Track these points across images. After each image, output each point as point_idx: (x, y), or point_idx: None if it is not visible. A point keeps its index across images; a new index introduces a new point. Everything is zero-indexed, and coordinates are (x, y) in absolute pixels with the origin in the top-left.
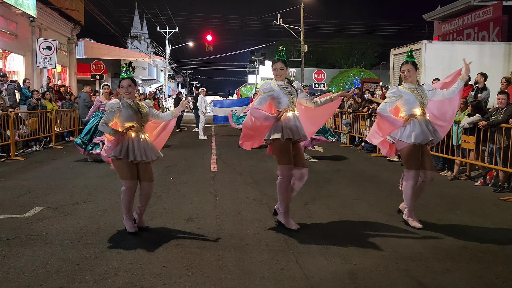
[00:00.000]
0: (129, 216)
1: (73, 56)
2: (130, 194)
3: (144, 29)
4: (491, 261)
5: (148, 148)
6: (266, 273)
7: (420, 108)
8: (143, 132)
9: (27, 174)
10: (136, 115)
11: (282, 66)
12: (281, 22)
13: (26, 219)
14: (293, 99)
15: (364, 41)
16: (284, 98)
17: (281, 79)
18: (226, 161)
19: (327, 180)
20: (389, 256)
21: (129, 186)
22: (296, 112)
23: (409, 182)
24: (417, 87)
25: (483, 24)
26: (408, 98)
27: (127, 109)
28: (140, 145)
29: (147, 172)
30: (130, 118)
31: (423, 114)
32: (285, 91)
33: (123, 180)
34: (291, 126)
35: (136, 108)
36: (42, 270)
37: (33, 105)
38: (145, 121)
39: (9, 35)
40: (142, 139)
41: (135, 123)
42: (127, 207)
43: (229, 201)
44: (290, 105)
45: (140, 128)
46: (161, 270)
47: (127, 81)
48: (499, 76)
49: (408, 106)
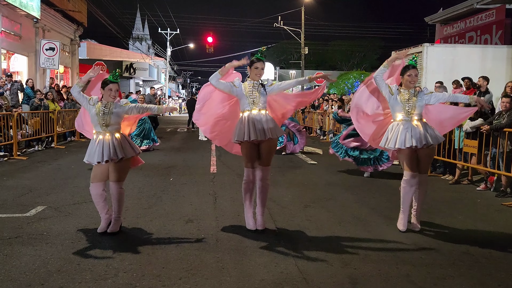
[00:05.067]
0: (102, 216)
1: (75, 57)
2: (97, 197)
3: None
4: (493, 267)
5: (111, 148)
6: (265, 276)
7: (402, 113)
8: (105, 133)
9: (29, 173)
10: (97, 116)
11: (263, 66)
12: (281, 24)
13: (27, 218)
14: (254, 98)
15: (364, 43)
16: (243, 99)
17: (258, 79)
18: (225, 162)
19: (327, 183)
20: (390, 260)
21: (93, 189)
22: (254, 111)
23: (406, 185)
24: (412, 92)
25: (485, 27)
26: (396, 102)
27: (93, 108)
28: (101, 145)
29: (114, 171)
30: (93, 119)
31: (408, 119)
32: (248, 92)
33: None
34: (252, 126)
35: (103, 110)
36: (43, 270)
37: (36, 105)
38: (108, 122)
39: (14, 36)
40: (105, 139)
41: (97, 123)
42: (97, 209)
43: (228, 202)
44: (249, 105)
45: (102, 129)
46: (160, 272)
47: (116, 86)
48: (501, 80)
49: (393, 110)
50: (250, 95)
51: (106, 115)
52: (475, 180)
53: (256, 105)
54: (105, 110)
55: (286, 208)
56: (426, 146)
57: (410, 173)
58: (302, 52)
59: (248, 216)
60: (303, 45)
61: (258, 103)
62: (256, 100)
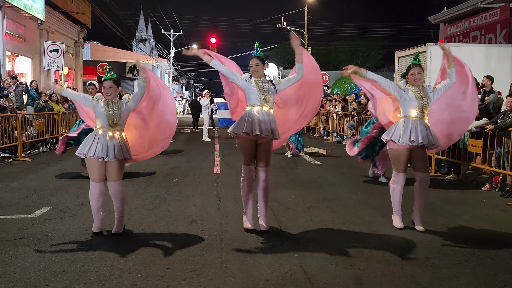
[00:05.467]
0: (96, 216)
1: (79, 59)
2: (95, 197)
3: (149, 32)
4: (499, 267)
5: (115, 147)
6: (270, 276)
7: (417, 110)
8: (114, 131)
9: (33, 175)
10: (107, 114)
11: (257, 62)
12: (284, 24)
13: (32, 219)
14: (265, 96)
15: (368, 43)
16: (253, 95)
17: (258, 76)
18: (229, 163)
19: (331, 183)
20: (394, 261)
21: (94, 188)
22: (265, 108)
23: (396, 186)
24: (421, 89)
25: (490, 26)
26: (409, 98)
27: (101, 107)
28: (104, 142)
29: (112, 172)
30: (100, 115)
31: (420, 117)
32: (258, 87)
33: (90, 181)
34: (254, 120)
35: (112, 107)
36: (48, 270)
37: (40, 107)
38: (118, 119)
39: (18, 38)
40: (109, 137)
41: (106, 121)
42: (93, 209)
43: (232, 203)
44: (260, 100)
45: (111, 126)
46: (165, 272)
47: (108, 82)
48: (506, 79)
49: (406, 106)
50: (262, 91)
51: (116, 113)
52: (480, 180)
53: (268, 103)
54: (114, 109)
55: (290, 208)
56: (430, 146)
57: (398, 173)
58: None
59: (248, 215)
60: (306, 45)
61: (269, 101)
62: (267, 97)
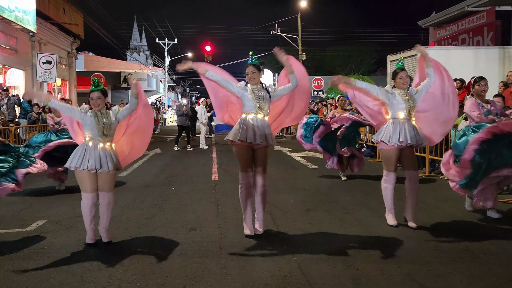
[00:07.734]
0: (89, 227)
1: (73, 70)
2: (87, 208)
3: (143, 41)
4: (492, 262)
5: (107, 157)
6: (270, 280)
7: (405, 112)
8: (105, 142)
9: (28, 188)
10: (98, 125)
11: (253, 69)
12: (278, 31)
13: (28, 233)
14: (260, 103)
15: (361, 48)
16: (249, 102)
17: (255, 83)
18: (227, 170)
19: (328, 187)
20: (391, 260)
21: (86, 200)
22: (260, 116)
23: (388, 185)
24: (407, 92)
25: (477, 29)
26: (396, 102)
27: (91, 118)
28: (96, 153)
29: (106, 182)
30: (90, 126)
31: (408, 118)
32: (254, 95)
33: (82, 193)
34: (249, 128)
35: (101, 118)
36: (45, 284)
37: (34, 119)
38: (108, 130)
39: (9, 50)
40: (100, 148)
41: (97, 132)
42: (86, 220)
43: (231, 209)
44: (255, 108)
45: (102, 138)
46: (164, 280)
47: (96, 94)
48: (494, 80)
49: (394, 109)
50: (257, 99)
51: (106, 124)
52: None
53: (262, 111)
54: (104, 121)
55: (289, 212)
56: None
57: (389, 173)
58: (300, 58)
59: (247, 222)
60: (301, 52)
61: (264, 108)
62: (262, 105)
